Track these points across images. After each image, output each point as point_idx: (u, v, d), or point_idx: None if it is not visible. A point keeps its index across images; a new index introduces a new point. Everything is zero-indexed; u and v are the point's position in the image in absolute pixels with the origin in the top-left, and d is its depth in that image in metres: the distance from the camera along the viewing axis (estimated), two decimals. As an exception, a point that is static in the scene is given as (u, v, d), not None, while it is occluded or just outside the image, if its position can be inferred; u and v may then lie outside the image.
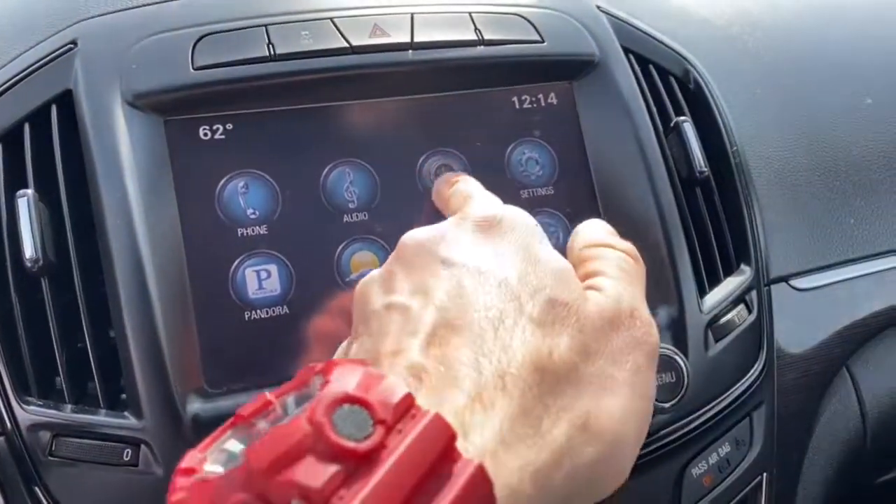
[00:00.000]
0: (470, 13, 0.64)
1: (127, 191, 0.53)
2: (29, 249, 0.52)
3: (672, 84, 0.71)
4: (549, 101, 0.65)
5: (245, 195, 0.57)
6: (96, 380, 0.52)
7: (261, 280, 0.57)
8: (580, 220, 0.63)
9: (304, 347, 0.56)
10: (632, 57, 0.69)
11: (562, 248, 0.52)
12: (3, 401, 0.51)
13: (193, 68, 0.56)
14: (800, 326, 0.69)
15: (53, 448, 0.50)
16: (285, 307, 0.57)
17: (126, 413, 0.50)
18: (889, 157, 0.79)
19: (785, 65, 0.82)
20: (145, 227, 0.52)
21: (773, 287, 0.69)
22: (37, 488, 0.50)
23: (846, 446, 0.73)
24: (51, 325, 0.52)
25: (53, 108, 0.57)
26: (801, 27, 0.87)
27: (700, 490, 0.60)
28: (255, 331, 0.55)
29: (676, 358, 0.56)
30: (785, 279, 0.70)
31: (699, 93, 0.72)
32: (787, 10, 0.89)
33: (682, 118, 0.68)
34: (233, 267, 0.56)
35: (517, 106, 0.65)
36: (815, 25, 0.88)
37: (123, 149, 0.54)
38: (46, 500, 0.50)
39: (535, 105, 0.65)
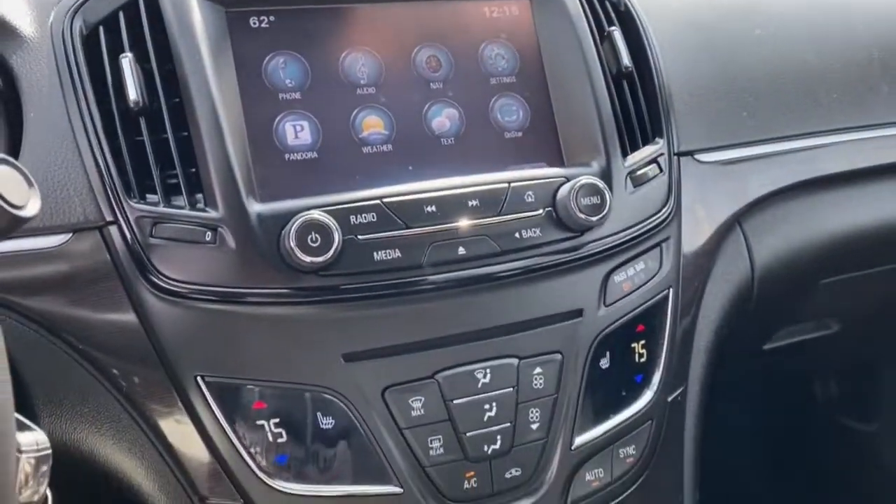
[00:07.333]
0: None
1: (202, 60, 0.72)
2: (133, 94, 0.71)
3: (606, 4, 0.92)
4: (513, 11, 0.86)
5: (284, 69, 0.77)
6: (182, 183, 0.70)
7: (297, 132, 0.77)
8: (535, 102, 0.84)
9: (327, 183, 0.76)
10: None
11: (521, 124, 0.75)
12: (115, 200, 0.70)
13: None
14: (702, 190, 0.91)
15: (154, 231, 0.69)
16: (315, 153, 0.76)
17: (206, 208, 0.70)
18: (774, 73, 1.00)
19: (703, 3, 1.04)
20: (216, 86, 0.72)
21: (682, 159, 0.90)
22: (145, 259, 0.69)
23: (737, 291, 0.94)
24: (148, 151, 0.72)
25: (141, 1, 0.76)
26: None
27: (620, 292, 0.81)
28: (292, 167, 0.75)
29: (600, 185, 0.77)
30: (691, 153, 0.91)
31: (627, 13, 0.93)
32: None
33: (614, 28, 0.89)
34: (276, 121, 0.76)
35: (487, 14, 0.85)
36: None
37: (197, 29, 0.73)
38: (152, 267, 0.70)
39: (501, 14, 0.86)
